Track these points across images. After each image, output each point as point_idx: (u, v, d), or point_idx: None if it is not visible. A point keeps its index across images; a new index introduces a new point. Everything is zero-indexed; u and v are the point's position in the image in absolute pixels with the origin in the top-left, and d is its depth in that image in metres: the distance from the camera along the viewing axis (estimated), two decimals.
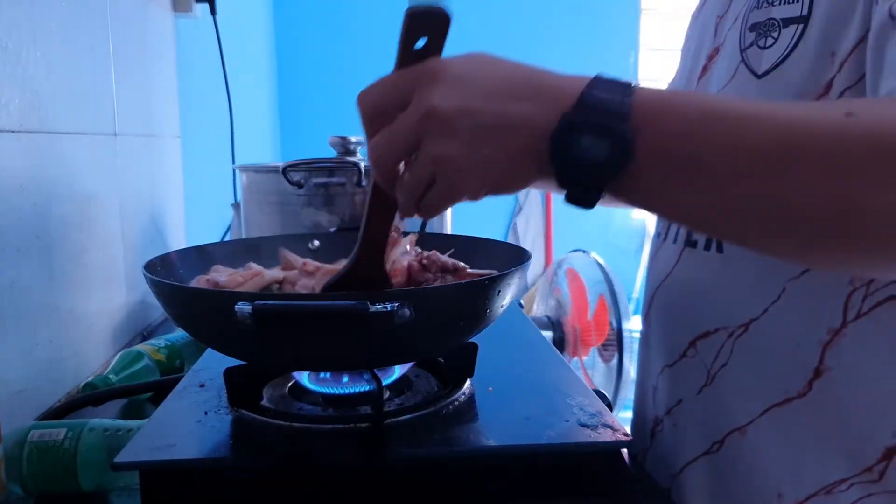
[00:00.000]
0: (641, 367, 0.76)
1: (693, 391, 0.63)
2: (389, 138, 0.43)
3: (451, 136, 0.41)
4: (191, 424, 0.55)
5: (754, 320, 0.57)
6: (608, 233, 3.30)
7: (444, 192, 0.44)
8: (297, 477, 0.51)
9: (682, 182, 0.41)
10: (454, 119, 0.41)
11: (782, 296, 0.55)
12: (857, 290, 0.52)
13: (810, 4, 0.52)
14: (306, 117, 3.10)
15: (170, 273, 0.65)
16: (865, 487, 0.53)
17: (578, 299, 1.85)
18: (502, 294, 0.55)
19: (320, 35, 3.17)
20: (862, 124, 0.37)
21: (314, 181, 0.99)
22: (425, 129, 0.41)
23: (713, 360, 0.60)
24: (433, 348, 0.61)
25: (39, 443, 0.57)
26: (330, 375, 0.61)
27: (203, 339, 0.61)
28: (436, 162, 0.42)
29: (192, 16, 1.37)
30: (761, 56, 0.56)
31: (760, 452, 0.57)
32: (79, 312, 0.87)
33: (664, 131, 0.40)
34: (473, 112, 0.41)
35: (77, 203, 0.88)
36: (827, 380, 0.53)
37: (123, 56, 1.05)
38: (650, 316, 0.71)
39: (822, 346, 0.53)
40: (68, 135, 0.86)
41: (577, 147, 0.39)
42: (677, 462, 0.65)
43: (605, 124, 0.39)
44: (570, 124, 0.40)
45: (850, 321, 0.52)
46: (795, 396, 0.55)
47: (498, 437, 0.53)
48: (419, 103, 0.41)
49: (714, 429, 0.61)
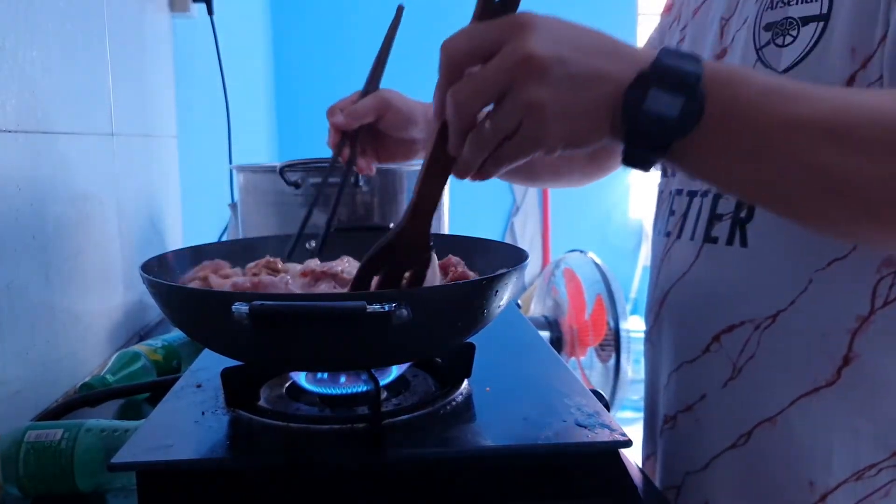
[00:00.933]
0: (651, 367, 0.76)
1: (718, 385, 0.63)
2: (479, 82, 0.44)
3: (546, 82, 0.42)
4: (188, 425, 0.55)
5: (782, 312, 0.57)
6: (605, 233, 3.31)
7: (526, 141, 0.44)
8: (294, 477, 0.51)
9: (744, 150, 0.43)
10: (550, 66, 0.42)
11: (809, 287, 0.56)
12: (885, 278, 0.53)
13: (830, 3, 0.53)
14: (303, 117, 3.09)
15: (167, 273, 0.65)
16: (893, 472, 0.54)
17: (576, 299, 1.85)
18: (500, 294, 0.55)
19: (317, 35, 3.17)
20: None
21: (311, 181, 0.99)
22: (521, 74, 0.42)
23: (739, 353, 0.60)
24: (431, 349, 0.61)
25: (36, 443, 0.57)
26: (327, 376, 0.61)
27: (200, 339, 0.61)
28: (527, 107, 0.43)
29: (188, 16, 1.37)
30: (780, 54, 0.56)
31: (790, 442, 0.58)
32: (76, 313, 0.87)
33: (731, 97, 0.42)
34: (566, 61, 0.42)
35: (74, 203, 0.88)
36: (856, 367, 0.54)
37: (120, 56, 1.04)
38: (661, 315, 0.71)
39: (851, 334, 0.54)
40: (65, 135, 0.85)
41: (651, 102, 0.42)
42: (700, 457, 0.65)
43: (680, 82, 0.41)
44: (647, 79, 0.42)
45: (879, 308, 0.53)
46: (824, 385, 0.55)
47: (495, 437, 0.53)
48: (515, 49, 0.42)
49: (741, 421, 0.61)
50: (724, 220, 0.62)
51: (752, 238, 0.59)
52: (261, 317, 0.46)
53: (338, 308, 0.47)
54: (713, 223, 0.63)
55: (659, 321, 0.72)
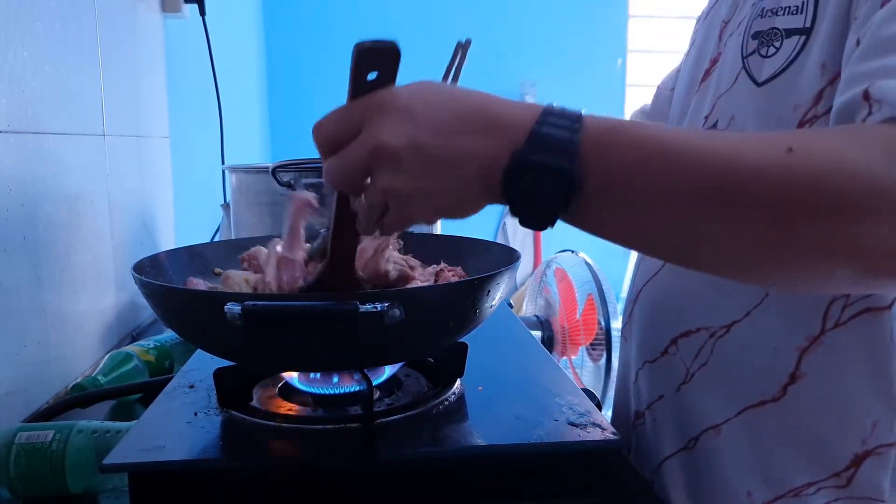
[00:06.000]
0: (623, 362, 0.77)
1: (673, 388, 0.64)
2: (341, 167, 0.43)
3: (399, 170, 0.42)
4: (180, 426, 0.55)
5: (736, 322, 0.58)
6: None
7: (397, 218, 0.45)
8: (287, 478, 0.51)
9: (628, 214, 0.42)
10: (401, 154, 0.41)
11: (764, 300, 0.56)
12: (837, 300, 0.53)
13: (814, 17, 0.53)
14: (296, 118, 3.07)
15: (159, 274, 0.65)
16: (832, 492, 0.54)
17: (567, 299, 1.86)
18: (492, 294, 0.56)
19: (310, 35, 3.17)
20: (802, 162, 0.38)
21: (304, 182, 0.99)
22: (373, 162, 0.42)
23: (693, 358, 0.61)
24: (423, 348, 0.61)
25: (27, 445, 0.57)
26: (320, 376, 0.61)
27: (193, 339, 0.61)
28: (385, 193, 0.43)
29: (181, 16, 1.37)
30: (762, 64, 0.56)
31: (732, 452, 0.58)
32: (67, 313, 0.87)
33: (610, 167, 0.41)
34: (420, 146, 0.41)
35: (65, 203, 0.88)
36: (801, 385, 0.55)
37: (112, 56, 1.04)
38: (633, 313, 0.72)
39: (800, 352, 0.55)
40: (56, 135, 0.85)
41: (527, 183, 0.40)
42: (656, 456, 0.66)
43: (554, 164, 0.40)
44: (521, 163, 0.40)
45: (829, 329, 0.53)
46: (770, 400, 0.56)
47: (488, 436, 0.54)
48: (367, 137, 0.42)
49: (690, 426, 0.62)
50: None
51: None
52: (253, 317, 0.46)
53: (330, 308, 0.47)
54: None
55: (631, 319, 0.73)
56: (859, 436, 0.53)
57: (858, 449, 0.53)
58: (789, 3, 0.55)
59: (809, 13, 0.53)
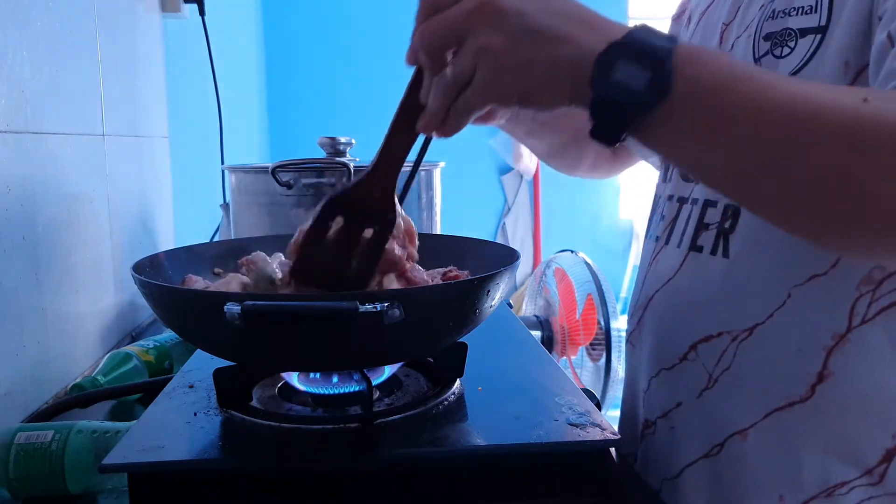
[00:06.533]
0: (631, 369, 0.76)
1: (693, 394, 0.63)
2: (441, 21, 0.44)
3: (499, 29, 0.42)
4: (180, 426, 0.55)
5: (759, 325, 0.57)
6: (596, 233, 3.32)
7: (479, 90, 0.44)
8: (286, 478, 0.51)
9: (707, 130, 0.42)
10: (506, 15, 0.42)
11: (787, 301, 0.56)
12: (863, 296, 0.53)
13: (829, 16, 0.53)
14: (295, 118, 3.09)
15: (158, 274, 0.65)
16: (866, 490, 0.53)
17: (567, 299, 1.86)
18: (491, 294, 0.56)
19: (309, 35, 3.16)
20: (878, 111, 0.39)
21: (303, 182, 0.99)
22: (477, 18, 0.42)
23: (715, 363, 0.61)
24: (423, 348, 0.61)
25: (26, 445, 0.56)
26: (319, 376, 0.61)
27: (192, 339, 0.61)
28: (479, 53, 0.43)
29: (180, 16, 1.37)
30: (777, 65, 0.56)
31: (761, 455, 0.58)
32: (66, 313, 0.87)
33: (700, 77, 0.42)
34: (526, 15, 0.42)
35: (64, 204, 0.88)
36: (830, 384, 0.54)
37: (111, 56, 1.04)
38: (644, 319, 0.71)
39: (827, 352, 0.54)
40: (55, 135, 0.85)
41: (620, 72, 0.41)
42: (674, 464, 0.65)
43: (650, 56, 0.41)
44: (618, 49, 0.41)
45: (856, 326, 0.53)
46: (798, 401, 0.55)
47: (487, 436, 0.54)
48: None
49: (714, 432, 0.61)
50: (711, 229, 0.62)
51: (734, 249, 0.60)
52: (252, 317, 0.46)
53: (330, 308, 0.47)
54: (700, 232, 0.63)
55: (641, 324, 0.72)
56: (889, 430, 0.53)
57: (889, 444, 0.53)
58: (802, 3, 0.55)
59: (824, 12, 0.53)
